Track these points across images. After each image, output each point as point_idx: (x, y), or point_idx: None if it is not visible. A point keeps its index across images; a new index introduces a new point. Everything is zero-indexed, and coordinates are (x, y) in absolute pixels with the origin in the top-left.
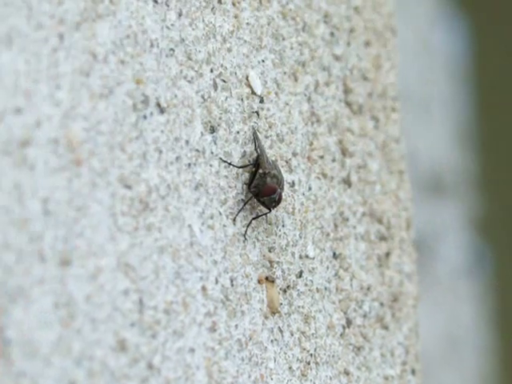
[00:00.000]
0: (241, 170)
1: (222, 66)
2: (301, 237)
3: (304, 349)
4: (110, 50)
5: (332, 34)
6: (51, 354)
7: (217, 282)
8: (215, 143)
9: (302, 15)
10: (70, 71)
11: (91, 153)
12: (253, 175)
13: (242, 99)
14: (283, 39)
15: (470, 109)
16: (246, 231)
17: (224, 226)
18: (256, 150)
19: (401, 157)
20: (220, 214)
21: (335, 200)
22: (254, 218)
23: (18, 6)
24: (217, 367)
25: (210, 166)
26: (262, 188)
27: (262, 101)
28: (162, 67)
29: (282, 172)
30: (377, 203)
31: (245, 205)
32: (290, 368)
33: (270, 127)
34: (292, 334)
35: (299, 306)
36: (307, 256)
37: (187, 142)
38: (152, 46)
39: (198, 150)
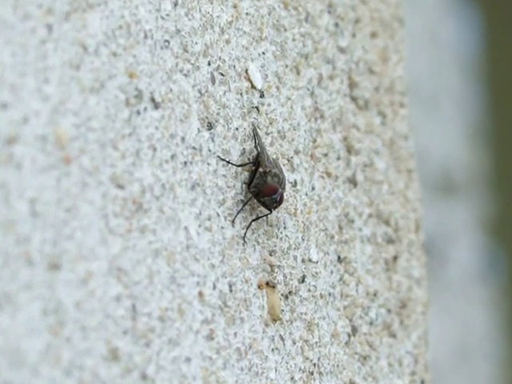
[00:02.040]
0: (240, 168)
1: (220, 58)
2: (303, 239)
3: (307, 358)
4: (102, 42)
5: (336, 25)
6: (39, 363)
7: (214, 287)
8: (213, 140)
9: (304, 5)
10: (58, 64)
11: (81, 150)
12: (253, 174)
13: (241, 94)
14: (285, 30)
15: (482, 104)
16: (245, 233)
17: (222, 228)
18: (256, 147)
19: (409, 155)
20: (218, 215)
21: (340, 200)
22: (253, 220)
23: None
24: (214, 377)
25: (208, 164)
26: (262, 188)
27: (262, 95)
28: (156, 60)
29: (284, 171)
30: (384, 204)
31: (244, 205)
32: (292, 378)
33: (270, 123)
34: (294, 343)
35: (302, 313)
36: (310, 260)
37: (183, 139)
38: (146, 37)
39: (194, 148)
